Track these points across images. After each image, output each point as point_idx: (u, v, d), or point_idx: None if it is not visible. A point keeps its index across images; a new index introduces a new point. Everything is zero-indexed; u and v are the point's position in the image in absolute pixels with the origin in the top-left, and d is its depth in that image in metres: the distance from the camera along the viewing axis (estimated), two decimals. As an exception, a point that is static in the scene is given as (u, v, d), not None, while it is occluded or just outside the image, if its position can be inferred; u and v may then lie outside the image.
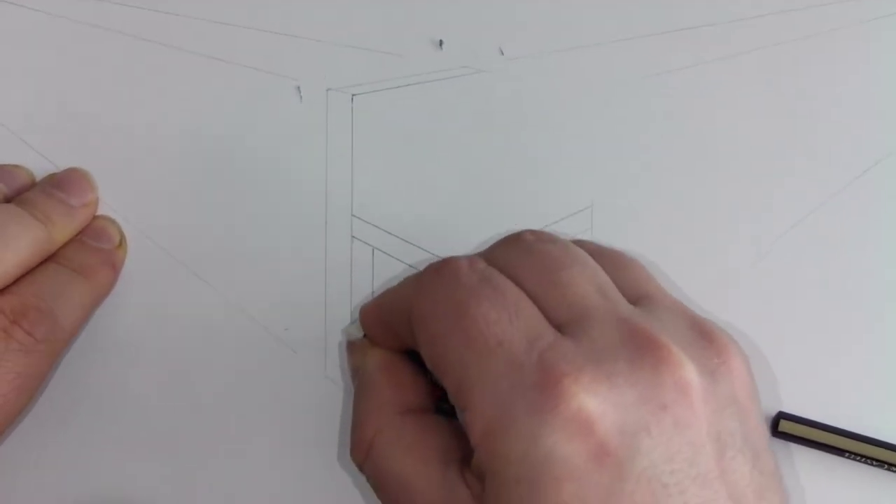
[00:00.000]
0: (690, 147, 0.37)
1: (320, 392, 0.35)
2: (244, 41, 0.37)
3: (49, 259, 0.33)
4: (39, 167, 0.36)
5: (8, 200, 0.34)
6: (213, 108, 0.37)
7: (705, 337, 0.26)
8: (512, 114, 0.37)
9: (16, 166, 0.36)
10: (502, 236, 0.30)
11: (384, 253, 0.36)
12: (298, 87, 0.37)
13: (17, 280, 0.32)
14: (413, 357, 0.31)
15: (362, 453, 0.29)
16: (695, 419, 0.24)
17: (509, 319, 0.26)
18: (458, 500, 0.26)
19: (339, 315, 0.36)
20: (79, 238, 0.34)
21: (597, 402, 0.24)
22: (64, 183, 0.35)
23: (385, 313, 0.31)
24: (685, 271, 0.36)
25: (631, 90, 0.37)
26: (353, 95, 0.36)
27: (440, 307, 0.27)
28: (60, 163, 0.36)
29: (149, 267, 0.36)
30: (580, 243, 0.30)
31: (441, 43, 0.37)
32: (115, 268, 0.35)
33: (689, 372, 0.25)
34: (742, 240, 0.36)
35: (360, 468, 0.30)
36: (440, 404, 0.31)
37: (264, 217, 0.36)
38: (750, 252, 0.36)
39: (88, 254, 0.34)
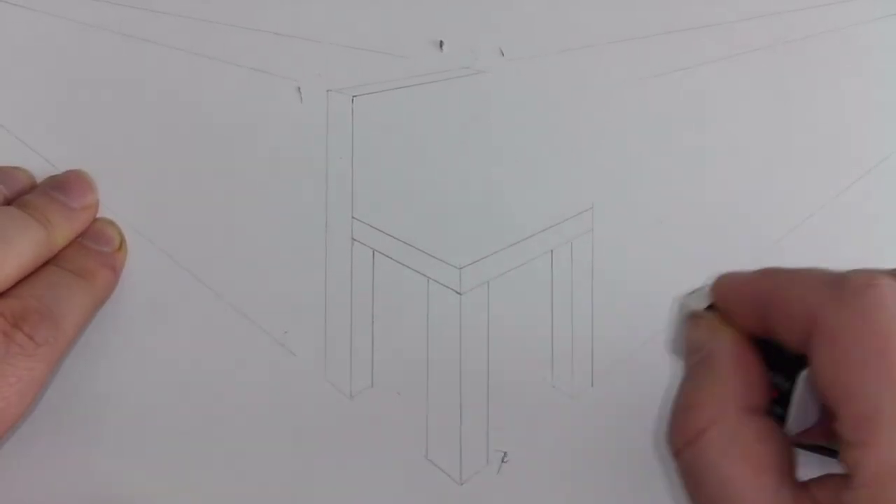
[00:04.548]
0: (691, 147, 0.37)
1: (320, 395, 0.35)
2: (244, 42, 0.37)
3: (49, 262, 0.33)
4: (39, 169, 0.36)
5: (8, 203, 0.34)
6: (213, 109, 0.37)
7: None
8: (512, 114, 0.37)
9: (16, 168, 0.36)
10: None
11: (385, 255, 0.36)
12: (299, 89, 0.37)
13: (17, 283, 0.32)
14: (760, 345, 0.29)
15: (686, 440, 0.27)
16: None
17: None
18: None
19: (339, 318, 0.36)
20: (79, 241, 0.34)
21: None
22: (64, 185, 0.35)
23: (768, 300, 0.28)
24: (685, 272, 0.36)
25: (631, 90, 0.37)
26: (353, 97, 0.36)
27: (859, 332, 0.25)
28: (60, 164, 0.36)
29: (149, 269, 0.36)
30: None
31: (441, 44, 0.37)
32: (115, 270, 0.35)
33: None
34: (743, 240, 0.36)
35: (676, 455, 0.28)
36: (773, 407, 0.28)
37: (264, 219, 0.36)
38: (751, 253, 0.36)
39: (89, 256, 0.34)
